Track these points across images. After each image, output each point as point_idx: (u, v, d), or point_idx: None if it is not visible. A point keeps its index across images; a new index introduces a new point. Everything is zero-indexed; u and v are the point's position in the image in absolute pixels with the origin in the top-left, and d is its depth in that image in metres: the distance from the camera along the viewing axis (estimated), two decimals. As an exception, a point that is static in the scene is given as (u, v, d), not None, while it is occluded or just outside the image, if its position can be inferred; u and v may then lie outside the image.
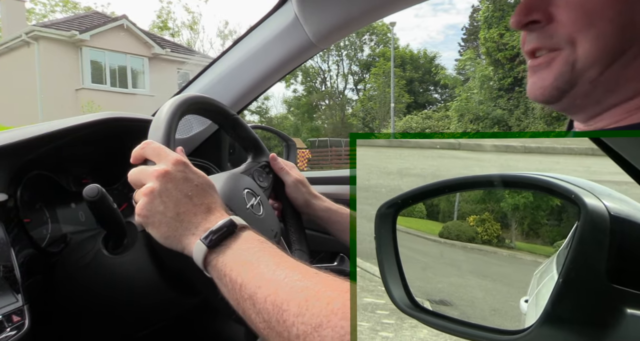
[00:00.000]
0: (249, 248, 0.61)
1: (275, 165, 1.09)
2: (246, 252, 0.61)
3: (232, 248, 0.61)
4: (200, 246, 0.61)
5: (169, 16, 31.36)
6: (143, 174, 0.68)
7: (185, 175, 0.68)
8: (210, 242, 0.61)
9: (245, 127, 1.07)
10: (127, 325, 0.86)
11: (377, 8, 1.18)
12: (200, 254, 0.61)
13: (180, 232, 0.64)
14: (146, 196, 0.66)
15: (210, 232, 0.62)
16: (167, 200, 0.65)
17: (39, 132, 0.85)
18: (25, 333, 0.69)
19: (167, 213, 0.65)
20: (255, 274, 0.57)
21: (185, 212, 0.65)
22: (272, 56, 1.27)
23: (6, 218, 0.76)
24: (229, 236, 0.62)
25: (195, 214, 0.65)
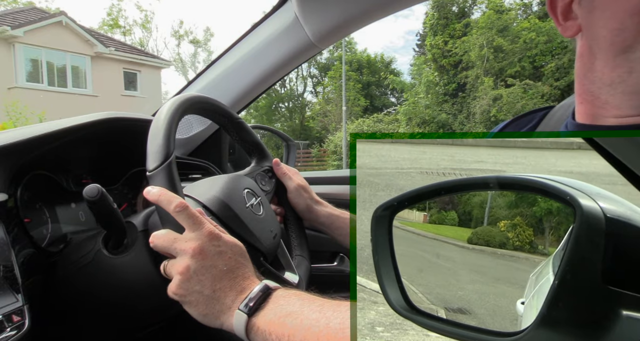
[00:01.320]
0: (288, 302, 0.63)
1: (278, 170, 1.09)
2: (286, 305, 0.62)
3: (271, 308, 0.63)
4: (240, 315, 0.62)
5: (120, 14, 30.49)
6: (176, 246, 0.67)
7: (219, 249, 0.67)
8: (249, 309, 0.62)
9: (249, 130, 1.07)
10: (126, 324, 0.86)
11: (377, 8, 1.18)
12: (242, 323, 0.62)
13: (218, 308, 0.65)
14: (182, 275, 0.66)
15: (248, 300, 0.63)
16: (203, 279, 0.65)
17: (39, 132, 0.85)
18: (25, 333, 0.69)
19: (204, 291, 0.65)
20: (301, 320, 0.58)
21: (221, 288, 0.66)
22: (272, 56, 1.27)
23: (6, 218, 0.76)
24: (266, 299, 0.64)
25: (231, 288, 0.66)
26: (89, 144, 0.99)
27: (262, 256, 0.87)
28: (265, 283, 0.65)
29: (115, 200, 0.78)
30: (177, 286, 0.66)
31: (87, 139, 0.96)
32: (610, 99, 0.57)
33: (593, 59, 0.58)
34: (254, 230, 0.87)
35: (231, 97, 1.32)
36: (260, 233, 0.88)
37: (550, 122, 0.77)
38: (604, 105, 0.59)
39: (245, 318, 0.62)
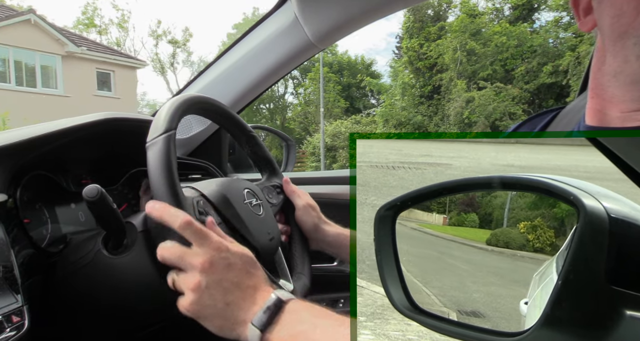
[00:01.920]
0: (301, 318, 0.63)
1: (287, 187, 1.08)
2: (298, 322, 0.62)
3: (283, 324, 0.63)
4: (254, 331, 0.62)
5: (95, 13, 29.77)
6: (184, 260, 0.67)
7: (228, 261, 0.67)
8: (262, 324, 0.62)
9: (262, 145, 1.06)
10: (126, 325, 0.86)
11: (377, 8, 1.18)
12: (256, 338, 0.62)
13: (232, 320, 0.65)
14: (194, 291, 0.66)
15: (260, 314, 0.63)
16: (214, 293, 0.65)
17: (39, 132, 0.85)
18: (25, 334, 0.69)
19: (217, 305, 0.65)
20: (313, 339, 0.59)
21: (234, 300, 0.66)
22: (271, 56, 1.27)
23: (6, 219, 0.76)
24: (278, 312, 0.64)
25: (244, 299, 0.66)
26: (89, 144, 0.99)
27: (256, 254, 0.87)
28: (278, 296, 0.65)
29: (115, 200, 0.77)
30: (190, 303, 0.66)
31: (87, 139, 0.96)
32: (616, 92, 0.58)
33: (605, 51, 0.58)
34: (250, 226, 0.87)
35: (231, 97, 1.32)
36: (257, 232, 0.88)
37: (562, 122, 0.78)
38: (611, 98, 0.59)
39: (258, 334, 0.62)
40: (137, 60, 21.51)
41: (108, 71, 19.28)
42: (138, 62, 21.32)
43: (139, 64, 21.27)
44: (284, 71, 1.31)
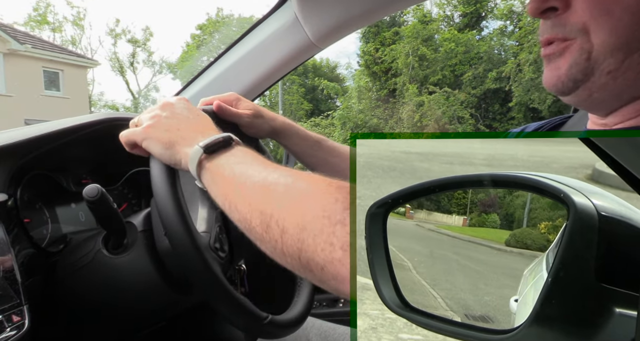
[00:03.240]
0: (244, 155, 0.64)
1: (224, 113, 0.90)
2: (241, 156, 0.63)
3: (226, 156, 0.64)
4: (197, 150, 0.64)
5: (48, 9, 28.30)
6: (145, 113, 0.74)
7: (187, 105, 0.74)
8: (207, 148, 0.64)
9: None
10: (126, 324, 0.87)
11: (377, 8, 1.18)
12: (196, 157, 0.63)
13: (180, 142, 0.67)
14: (151, 119, 0.71)
15: (208, 141, 0.64)
16: (171, 122, 0.70)
17: (39, 132, 0.85)
18: (25, 333, 0.69)
19: (171, 129, 0.69)
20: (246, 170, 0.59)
21: (187, 127, 0.69)
22: (271, 56, 1.27)
23: (6, 218, 0.77)
24: (226, 147, 0.65)
25: (195, 130, 0.69)
26: (89, 144, 1.00)
27: None
28: (230, 135, 0.67)
29: (115, 200, 0.78)
30: (143, 129, 0.71)
31: (87, 139, 0.96)
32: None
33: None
34: None
35: (231, 97, 1.32)
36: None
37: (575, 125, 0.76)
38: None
39: (200, 153, 0.63)
40: (88, 59, 20.94)
41: (56, 70, 18.68)
42: (89, 61, 20.76)
43: (90, 63, 20.75)
44: (284, 71, 1.31)
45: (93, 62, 21.55)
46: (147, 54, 31.31)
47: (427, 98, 16.97)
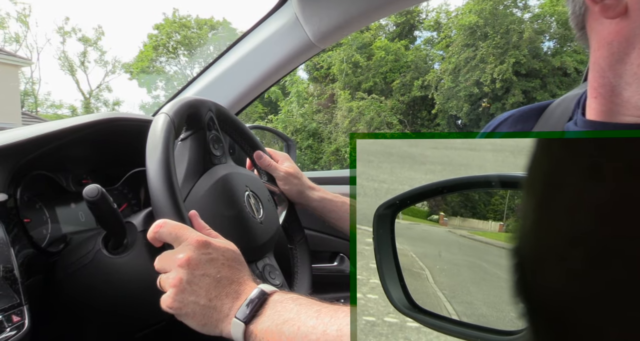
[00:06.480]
0: (285, 308, 0.61)
1: (261, 162, 1.07)
2: (283, 312, 0.61)
3: (268, 315, 0.61)
4: (237, 324, 0.61)
5: None
6: (167, 262, 0.66)
7: (210, 256, 0.66)
8: (245, 317, 0.61)
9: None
10: (126, 324, 0.87)
11: (377, 8, 1.19)
12: (239, 331, 0.61)
13: (216, 317, 0.63)
14: (175, 287, 0.64)
15: (244, 308, 0.62)
16: (196, 288, 0.64)
17: (39, 132, 0.85)
18: (25, 333, 0.69)
19: (200, 301, 0.63)
20: (298, 327, 0.57)
21: (217, 296, 0.64)
22: (271, 56, 1.27)
23: (6, 218, 0.76)
24: (262, 305, 0.62)
25: (227, 295, 0.64)
26: (89, 144, 0.99)
27: None
28: (262, 288, 0.64)
29: (115, 200, 0.78)
30: (171, 299, 0.64)
31: (87, 139, 0.96)
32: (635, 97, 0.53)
33: (630, 47, 0.52)
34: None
35: (231, 97, 1.32)
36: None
37: (550, 121, 0.71)
38: (624, 103, 0.54)
39: (242, 327, 0.61)
40: (19, 58, 19.82)
41: (-15, 69, 17.21)
42: (20, 60, 19.63)
43: (21, 62, 19.68)
44: (284, 71, 1.32)
45: (25, 61, 20.56)
46: (100, 53, 30.16)
47: (356, 104, 17.65)
